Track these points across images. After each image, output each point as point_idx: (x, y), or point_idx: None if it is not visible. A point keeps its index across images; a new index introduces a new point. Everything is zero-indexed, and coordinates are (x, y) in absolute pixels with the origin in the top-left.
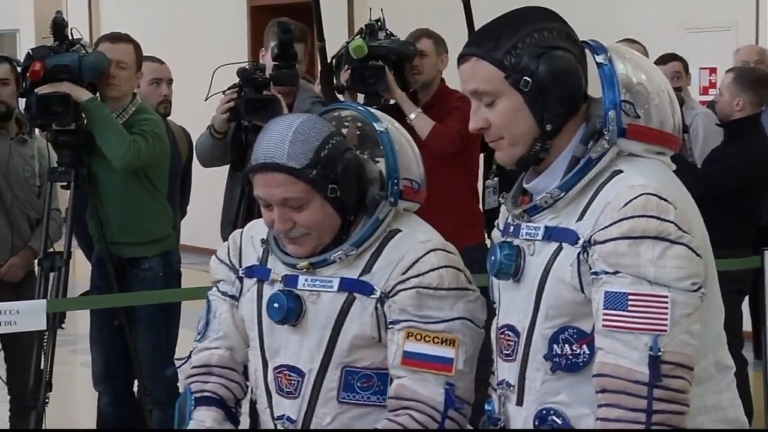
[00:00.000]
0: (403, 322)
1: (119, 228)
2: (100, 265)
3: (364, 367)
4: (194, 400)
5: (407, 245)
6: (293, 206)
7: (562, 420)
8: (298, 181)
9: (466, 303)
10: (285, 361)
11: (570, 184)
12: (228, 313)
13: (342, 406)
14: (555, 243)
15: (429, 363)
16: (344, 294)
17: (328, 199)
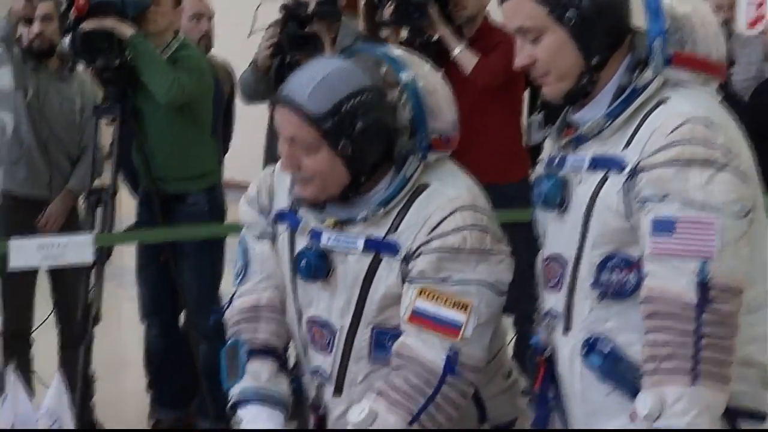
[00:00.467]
0: (419, 280)
1: (164, 163)
2: (145, 201)
3: (395, 327)
4: (247, 351)
5: (435, 203)
6: (302, 148)
7: (611, 347)
8: (310, 127)
9: (489, 266)
10: (317, 314)
11: (616, 112)
12: (268, 253)
13: (374, 365)
14: (601, 171)
15: (436, 324)
16: (370, 254)
17: (339, 154)
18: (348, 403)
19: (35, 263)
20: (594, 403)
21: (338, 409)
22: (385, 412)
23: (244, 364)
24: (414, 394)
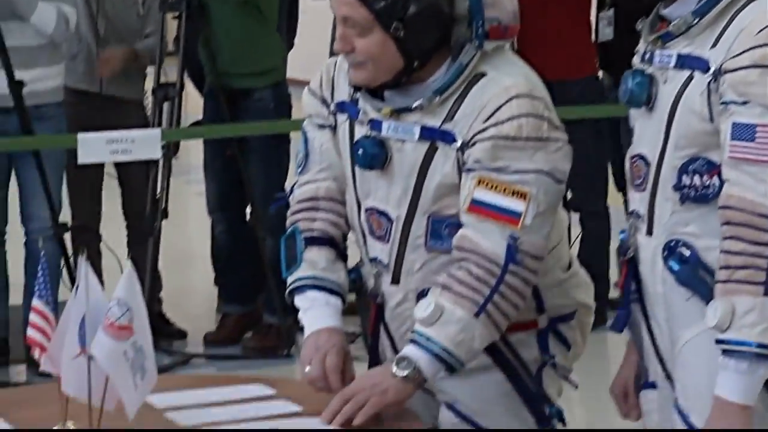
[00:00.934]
0: (477, 170)
1: (230, 59)
2: (211, 97)
3: (451, 216)
4: (304, 240)
5: (491, 91)
6: (354, 29)
7: (691, 251)
8: (362, 7)
9: (546, 154)
10: (375, 204)
11: (704, 9)
12: (329, 143)
13: (430, 254)
14: (687, 71)
15: (496, 213)
16: (426, 143)
17: (391, 36)
18: (405, 291)
19: (104, 158)
20: (675, 307)
21: (395, 298)
22: (451, 306)
23: (301, 253)
24: (478, 285)
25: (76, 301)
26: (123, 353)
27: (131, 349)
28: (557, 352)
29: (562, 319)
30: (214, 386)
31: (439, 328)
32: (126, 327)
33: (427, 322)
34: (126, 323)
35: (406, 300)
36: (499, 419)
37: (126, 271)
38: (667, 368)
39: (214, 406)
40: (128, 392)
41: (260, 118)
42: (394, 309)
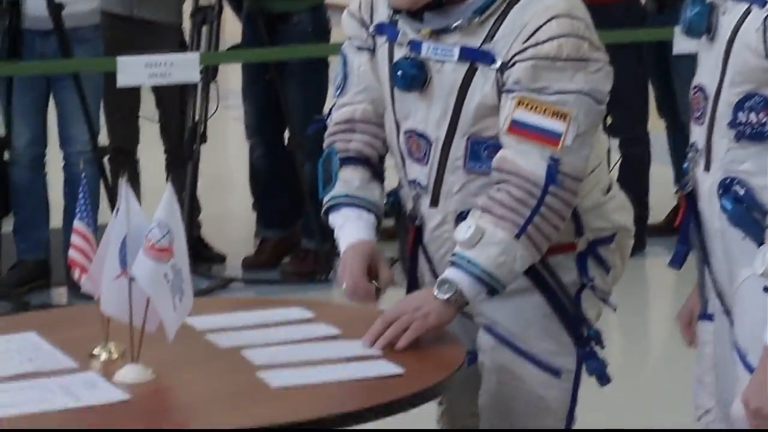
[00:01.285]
0: (516, 91)
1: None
2: (250, 20)
3: (490, 137)
4: (339, 160)
5: (531, 11)
6: None
7: (745, 189)
8: None
9: (587, 75)
10: (414, 126)
11: None
12: (367, 65)
13: (469, 175)
14: (745, 4)
15: (535, 134)
16: (465, 63)
17: None
18: (444, 214)
19: (142, 81)
20: (732, 244)
21: (434, 220)
22: (492, 228)
23: (336, 173)
24: (519, 206)
25: (116, 223)
26: (163, 275)
27: (171, 271)
28: (596, 275)
29: (602, 241)
30: (253, 309)
31: (480, 250)
32: (166, 249)
33: (468, 245)
34: (166, 245)
35: (444, 222)
36: (538, 342)
37: (166, 194)
38: (725, 303)
39: (253, 328)
40: (168, 314)
41: (299, 41)
42: (433, 231)
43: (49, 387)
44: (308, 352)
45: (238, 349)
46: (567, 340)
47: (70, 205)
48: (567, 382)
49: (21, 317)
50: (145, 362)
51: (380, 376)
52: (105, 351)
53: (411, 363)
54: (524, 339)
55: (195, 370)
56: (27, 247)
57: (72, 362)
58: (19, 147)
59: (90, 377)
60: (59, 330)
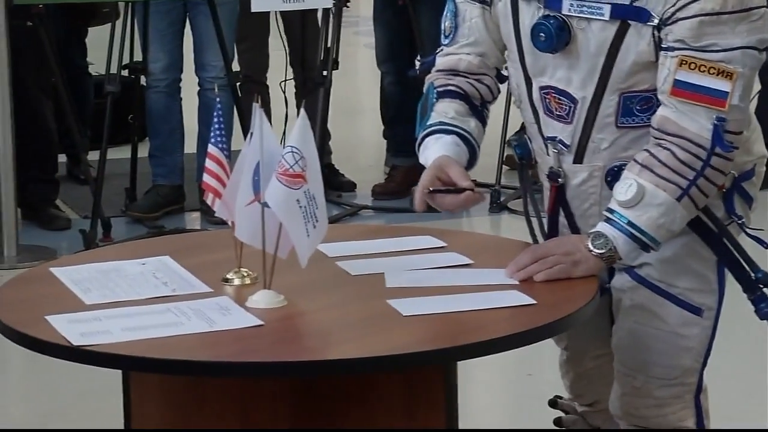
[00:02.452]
0: (679, 49)
1: None
2: None
3: (643, 90)
4: (436, 93)
5: None
6: None
7: None
8: None
9: (750, 24)
10: (552, 83)
11: None
12: (479, 18)
13: (620, 131)
14: None
15: (701, 95)
16: (616, 21)
17: None
18: (590, 170)
19: (277, 6)
20: None
21: (580, 176)
22: (653, 188)
23: (432, 105)
24: (684, 169)
25: (250, 149)
26: (296, 201)
27: (304, 197)
28: (742, 212)
29: (745, 176)
30: (384, 237)
31: (641, 210)
32: (299, 175)
33: (629, 204)
34: (299, 171)
35: (591, 177)
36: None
37: (299, 120)
38: None
39: (385, 256)
40: (301, 240)
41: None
42: (578, 187)
43: (183, 310)
44: (439, 280)
45: (370, 276)
46: (710, 277)
47: (204, 130)
48: (708, 320)
49: (156, 241)
50: (277, 288)
51: (513, 305)
52: (238, 276)
53: (543, 294)
54: (665, 278)
55: (326, 296)
56: (162, 171)
57: (206, 287)
58: (156, 72)
59: (223, 302)
60: (193, 254)
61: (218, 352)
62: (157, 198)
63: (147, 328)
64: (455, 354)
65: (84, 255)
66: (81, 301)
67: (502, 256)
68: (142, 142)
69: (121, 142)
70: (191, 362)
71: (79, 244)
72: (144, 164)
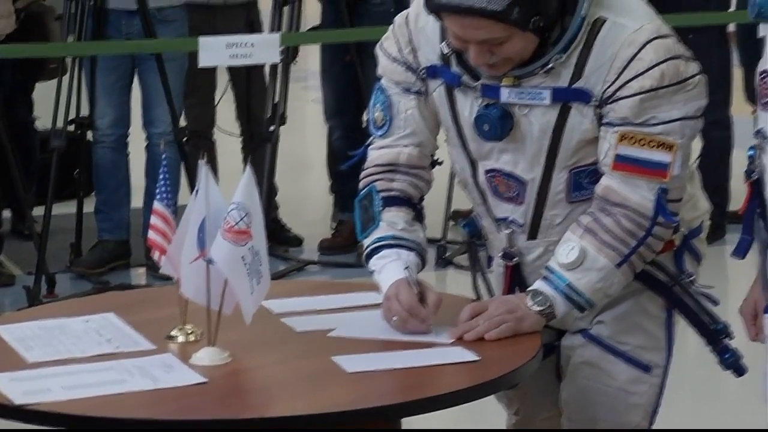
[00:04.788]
0: (620, 125)
1: None
2: (330, 1)
3: (591, 164)
4: (382, 200)
5: (618, 39)
6: (493, 44)
7: None
8: (498, 24)
9: (686, 95)
10: (499, 166)
11: None
12: (415, 109)
13: (572, 205)
14: None
15: (643, 168)
16: (558, 104)
17: (530, 30)
18: (545, 245)
19: (224, 61)
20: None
21: (535, 252)
22: (594, 253)
23: (379, 213)
24: (625, 236)
25: (195, 205)
26: (241, 257)
27: (249, 254)
28: (692, 269)
29: (694, 233)
30: (330, 292)
31: (581, 273)
32: (244, 231)
33: (570, 267)
34: (244, 227)
35: (546, 252)
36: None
37: (245, 176)
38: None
39: (330, 312)
40: (245, 297)
41: (380, 22)
42: (534, 262)
43: (126, 368)
44: (384, 336)
45: (314, 332)
46: (659, 335)
47: (150, 185)
48: (657, 377)
49: (100, 297)
50: (221, 345)
51: (456, 362)
52: (182, 333)
53: (486, 351)
54: (615, 335)
55: (271, 353)
56: (108, 227)
57: (150, 344)
58: (102, 127)
59: (167, 359)
60: (138, 311)
61: (161, 410)
62: (102, 253)
63: (90, 387)
64: (400, 411)
65: (27, 312)
66: (23, 360)
67: (447, 312)
68: (88, 197)
69: (66, 197)
70: (133, 420)
71: (23, 300)
72: (90, 219)
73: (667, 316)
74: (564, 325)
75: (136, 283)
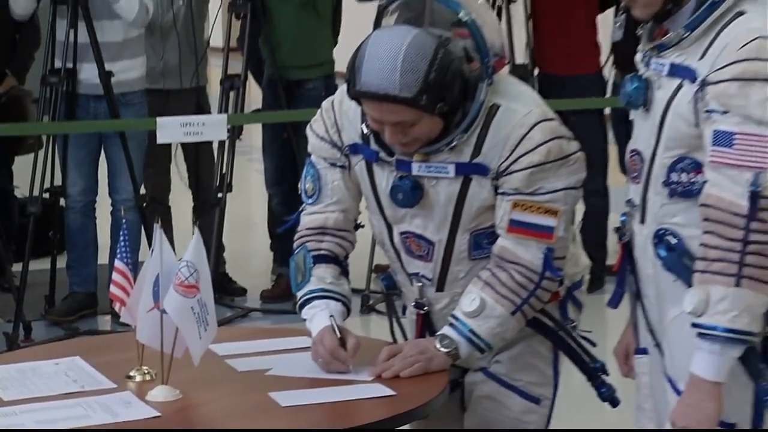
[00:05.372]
0: (513, 194)
1: (288, 53)
2: (270, 86)
3: (489, 227)
4: (312, 258)
5: (510, 122)
6: (405, 126)
7: (677, 240)
8: (409, 109)
9: (569, 169)
10: (411, 229)
11: (694, 24)
12: (340, 181)
13: (474, 262)
14: (677, 79)
15: (532, 231)
16: (460, 177)
17: (437, 114)
18: (451, 296)
19: (179, 138)
20: (663, 287)
21: (442, 302)
22: (492, 303)
23: (310, 269)
24: (518, 289)
25: (151, 263)
26: (190, 308)
27: (197, 305)
28: (574, 316)
29: (576, 286)
30: (269, 337)
31: (482, 320)
32: (193, 285)
33: (472, 315)
34: (193, 282)
35: (452, 302)
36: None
37: (194, 238)
38: (657, 338)
39: (267, 354)
40: (194, 342)
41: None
42: (441, 311)
43: (90, 405)
44: (315, 375)
45: (254, 372)
46: (548, 372)
47: (114, 245)
48: (545, 408)
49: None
50: (173, 383)
51: (376, 396)
52: (139, 373)
53: (401, 386)
54: (510, 373)
55: (216, 390)
56: (78, 280)
57: (111, 383)
58: (74, 195)
59: (126, 396)
60: (101, 354)
61: None
62: (73, 303)
63: (57, 421)
64: None
65: (6, 356)
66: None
67: (368, 354)
68: (61, 255)
69: (41, 255)
70: None
71: (2, 344)
72: (62, 274)
73: (554, 356)
74: (467, 364)
75: (103, 329)
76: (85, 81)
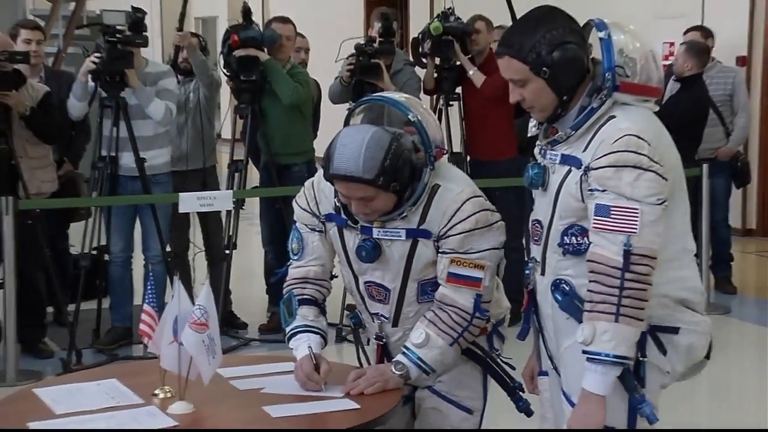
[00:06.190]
0: (450, 253)
1: (280, 144)
2: (265, 169)
3: (433, 278)
4: (297, 301)
5: (448, 198)
6: (367, 200)
7: (569, 287)
8: (371, 187)
9: (492, 233)
10: (372, 279)
11: (578, 125)
12: (319, 242)
13: (420, 304)
14: (567, 166)
15: (465, 281)
16: (410, 239)
17: (392, 191)
18: (403, 331)
19: (195, 208)
20: (559, 323)
21: (396, 335)
22: (435, 336)
23: (296, 309)
24: (455, 326)
25: (171, 307)
26: (202, 341)
27: (207, 339)
28: (498, 346)
29: (500, 323)
30: (264, 363)
31: (427, 350)
32: (204, 323)
33: (419, 346)
34: (204, 321)
35: (404, 335)
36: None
37: (205, 287)
38: (555, 363)
39: (263, 376)
40: (204, 367)
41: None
42: (395, 342)
43: (123, 416)
44: (298, 392)
45: (252, 390)
46: (478, 389)
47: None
48: (477, 417)
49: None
50: (189, 399)
51: (344, 409)
52: (162, 392)
53: (364, 401)
54: (450, 389)
55: (222, 404)
56: (117, 317)
57: (139, 399)
58: (115, 252)
59: (151, 410)
60: (133, 377)
61: None
62: (114, 335)
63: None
64: None
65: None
66: (52, 411)
67: (340, 376)
68: (105, 298)
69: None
70: None
71: (59, 368)
72: (106, 313)
73: (483, 377)
74: (417, 383)
75: (136, 355)
76: (124, 165)
